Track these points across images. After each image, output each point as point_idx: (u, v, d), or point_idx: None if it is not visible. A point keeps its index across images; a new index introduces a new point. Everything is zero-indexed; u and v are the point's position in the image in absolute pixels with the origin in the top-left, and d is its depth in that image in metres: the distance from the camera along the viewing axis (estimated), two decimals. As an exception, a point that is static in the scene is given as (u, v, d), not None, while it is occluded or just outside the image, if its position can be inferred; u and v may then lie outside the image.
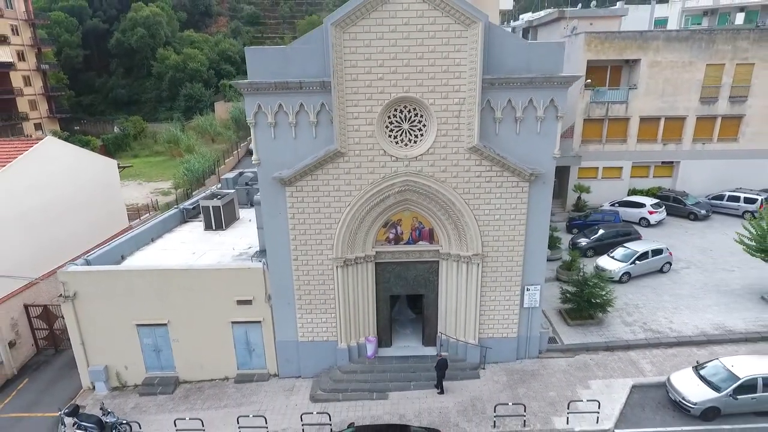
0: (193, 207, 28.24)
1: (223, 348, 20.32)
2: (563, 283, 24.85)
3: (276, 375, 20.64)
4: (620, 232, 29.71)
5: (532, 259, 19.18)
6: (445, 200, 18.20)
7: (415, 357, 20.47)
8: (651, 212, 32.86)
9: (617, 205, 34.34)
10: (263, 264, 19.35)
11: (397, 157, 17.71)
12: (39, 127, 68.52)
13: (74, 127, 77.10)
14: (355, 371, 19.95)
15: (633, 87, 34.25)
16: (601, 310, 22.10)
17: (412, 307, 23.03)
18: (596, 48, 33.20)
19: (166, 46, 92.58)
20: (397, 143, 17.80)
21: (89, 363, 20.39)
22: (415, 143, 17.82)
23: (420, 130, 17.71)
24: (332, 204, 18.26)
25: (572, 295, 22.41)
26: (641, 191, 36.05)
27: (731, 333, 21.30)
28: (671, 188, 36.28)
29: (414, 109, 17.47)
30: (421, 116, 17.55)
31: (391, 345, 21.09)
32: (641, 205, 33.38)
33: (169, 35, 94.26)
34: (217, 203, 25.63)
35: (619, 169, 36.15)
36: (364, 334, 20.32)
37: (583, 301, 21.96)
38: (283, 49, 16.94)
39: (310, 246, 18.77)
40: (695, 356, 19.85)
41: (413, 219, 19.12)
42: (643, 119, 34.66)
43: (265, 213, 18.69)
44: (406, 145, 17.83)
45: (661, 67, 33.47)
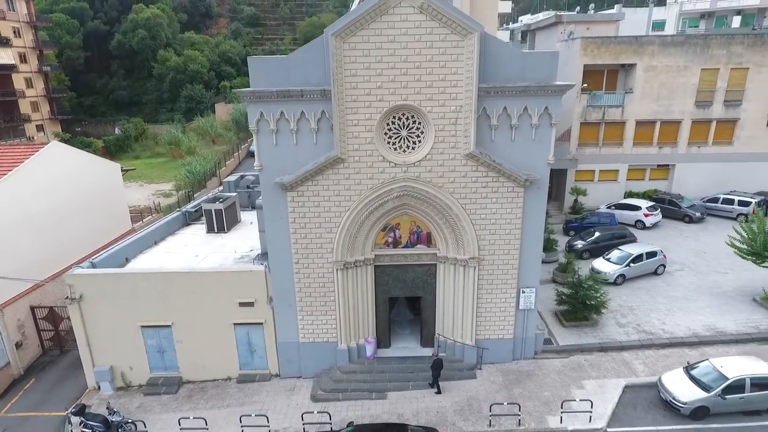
0: (196, 210, 28.64)
1: (226, 349, 20.73)
2: (559, 285, 25.25)
3: (277, 375, 21.05)
4: (616, 234, 30.12)
5: (527, 263, 19.62)
6: (443, 205, 18.64)
7: (414, 358, 20.87)
8: (647, 215, 33.23)
9: (613, 207, 34.72)
10: (265, 267, 19.76)
11: (395, 163, 18.15)
12: (41, 128, 68.81)
13: (76, 129, 77.44)
14: (355, 371, 20.36)
15: (629, 91, 34.68)
16: (595, 311, 22.53)
17: (410, 309, 23.41)
18: (592, 53, 33.65)
19: (167, 47, 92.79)
20: (395, 150, 18.23)
21: (95, 363, 20.81)
22: (413, 150, 18.26)
23: (418, 136, 18.14)
24: (332, 208, 18.69)
25: (567, 297, 22.80)
26: (637, 194, 36.48)
27: (722, 334, 21.74)
28: (667, 191, 36.67)
29: (412, 117, 17.91)
30: (419, 123, 17.99)
31: (389, 346, 21.51)
32: (637, 208, 33.76)
33: (169, 37, 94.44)
34: (219, 206, 25.99)
35: (616, 172, 36.60)
36: (363, 335, 20.74)
37: (578, 303, 22.37)
38: (284, 58, 17.38)
39: (311, 249, 19.18)
40: (687, 357, 20.26)
41: (411, 223, 19.55)
42: (639, 123, 35.13)
43: (266, 217, 19.11)
44: (405, 152, 18.27)
45: (656, 71, 33.92)
